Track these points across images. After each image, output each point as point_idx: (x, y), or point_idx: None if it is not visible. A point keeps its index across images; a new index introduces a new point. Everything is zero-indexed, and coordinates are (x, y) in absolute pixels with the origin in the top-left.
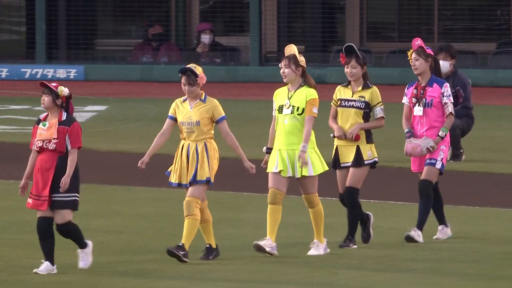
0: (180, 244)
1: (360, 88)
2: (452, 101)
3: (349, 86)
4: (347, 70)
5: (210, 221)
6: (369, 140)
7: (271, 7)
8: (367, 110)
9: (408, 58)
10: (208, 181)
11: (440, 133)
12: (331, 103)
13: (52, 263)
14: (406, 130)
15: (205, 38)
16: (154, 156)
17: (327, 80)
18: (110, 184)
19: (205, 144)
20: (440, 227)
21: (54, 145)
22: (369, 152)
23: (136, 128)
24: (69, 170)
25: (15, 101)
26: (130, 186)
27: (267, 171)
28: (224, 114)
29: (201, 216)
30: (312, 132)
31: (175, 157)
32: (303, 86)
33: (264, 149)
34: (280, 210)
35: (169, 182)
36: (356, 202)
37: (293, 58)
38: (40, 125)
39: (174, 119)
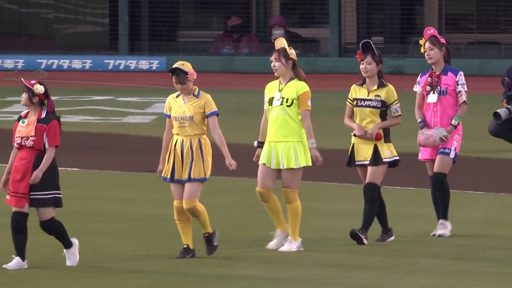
0: (185, 246)
1: (375, 87)
2: (466, 89)
3: (364, 85)
4: (362, 66)
5: (205, 214)
6: (387, 139)
7: None
8: (383, 109)
9: (422, 49)
10: (203, 180)
11: (453, 121)
12: (347, 102)
13: (23, 258)
14: (419, 120)
15: (277, 32)
16: (242, 147)
17: (405, 71)
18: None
19: (199, 141)
20: (440, 221)
21: (32, 143)
22: (388, 152)
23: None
24: (43, 165)
25: (98, 91)
26: (213, 176)
27: (259, 162)
28: (216, 109)
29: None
30: (301, 126)
31: (168, 152)
32: (294, 79)
33: (255, 143)
34: (274, 202)
35: (162, 177)
36: (375, 198)
37: (283, 52)
38: (20, 122)
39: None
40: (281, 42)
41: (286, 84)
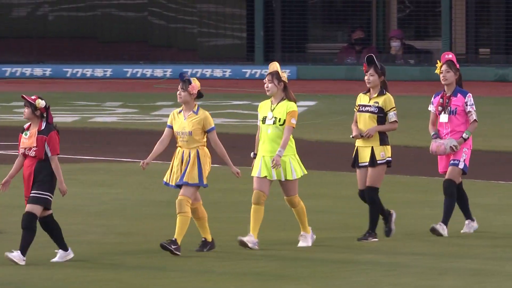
0: (173, 239)
1: (376, 95)
2: (475, 109)
3: (368, 93)
4: (366, 77)
5: (205, 217)
6: (382, 142)
7: (461, 14)
8: (380, 114)
9: (437, 70)
10: (199, 185)
11: (464, 135)
12: (354, 109)
13: (24, 254)
14: (432, 133)
15: (394, 44)
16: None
17: (509, 79)
18: (319, 170)
19: (197, 151)
20: (466, 222)
21: (34, 153)
22: (382, 153)
23: (340, 121)
24: (58, 177)
25: (236, 97)
26: (336, 171)
27: (251, 175)
28: (213, 125)
29: (196, 214)
30: (293, 140)
31: (172, 161)
32: (285, 99)
33: (252, 154)
34: (262, 210)
35: (164, 182)
36: (375, 199)
37: (275, 74)
38: (23, 134)
39: (172, 128)
40: (274, 66)
41: (277, 104)
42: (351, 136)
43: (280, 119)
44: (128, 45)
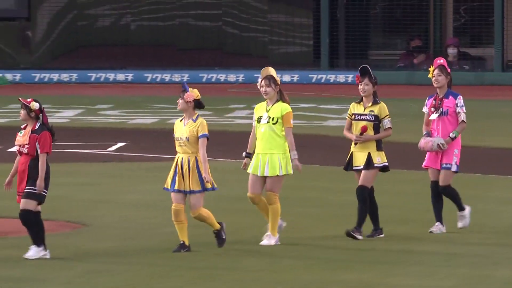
0: (181, 242)
1: (370, 104)
2: (465, 110)
3: (361, 103)
4: (360, 87)
5: (207, 217)
6: (378, 148)
7: None
8: (376, 122)
9: (430, 74)
10: (203, 191)
11: (451, 134)
12: (347, 117)
13: (39, 245)
14: (424, 133)
15: (451, 51)
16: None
17: None
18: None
19: (196, 158)
20: (459, 214)
21: (27, 150)
22: (378, 158)
23: (399, 122)
24: (41, 173)
25: (303, 100)
26: (395, 169)
27: (247, 171)
28: (206, 133)
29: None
30: (285, 139)
31: (172, 166)
32: (279, 101)
33: (244, 154)
34: (263, 204)
35: (163, 187)
36: (365, 198)
37: (272, 79)
38: (19, 132)
39: None
40: (269, 70)
41: (272, 105)
42: (353, 143)
43: (273, 118)
44: (204, 52)
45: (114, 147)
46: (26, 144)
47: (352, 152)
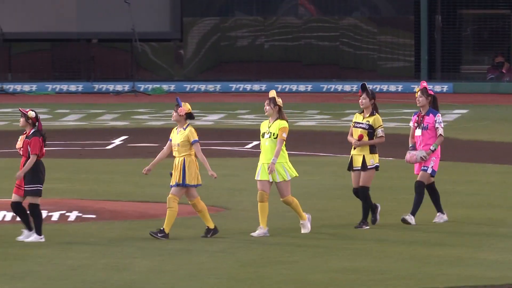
0: (161, 228)
1: (368, 115)
2: (443, 126)
3: (362, 113)
4: (360, 100)
5: (205, 209)
6: (372, 151)
7: None
8: (370, 130)
9: (416, 94)
10: (182, 185)
11: (431, 147)
12: (351, 124)
13: (30, 229)
14: (410, 145)
15: None
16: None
17: None
18: (469, 162)
19: (184, 159)
20: (437, 214)
21: (21, 152)
22: (372, 160)
23: (486, 125)
24: (25, 167)
25: (406, 107)
26: (482, 163)
27: (255, 178)
28: (196, 139)
29: (196, 207)
30: (285, 151)
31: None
32: (278, 119)
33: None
34: (267, 206)
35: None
36: (367, 196)
37: (272, 99)
38: (19, 137)
39: (171, 141)
40: (272, 93)
41: (273, 123)
42: (353, 147)
43: (273, 133)
44: (324, 67)
45: (250, 145)
46: (21, 148)
47: (352, 155)
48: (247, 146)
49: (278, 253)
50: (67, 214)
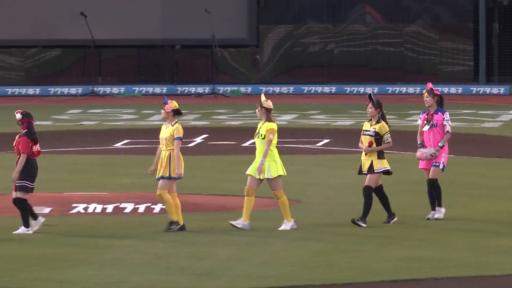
0: (172, 220)
1: (374, 123)
2: (450, 124)
3: (370, 121)
4: (368, 110)
5: (178, 206)
6: (380, 156)
7: None
8: (377, 137)
9: (423, 95)
10: (168, 178)
11: (440, 144)
12: (361, 133)
13: (27, 226)
14: (418, 143)
15: None
16: None
17: None
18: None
19: (170, 154)
20: (437, 208)
21: (14, 151)
22: (379, 165)
23: None
24: (17, 167)
25: (466, 108)
26: (505, 158)
27: (246, 172)
28: (180, 136)
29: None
30: (274, 149)
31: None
32: (267, 121)
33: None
34: (252, 200)
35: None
36: (369, 195)
37: (260, 103)
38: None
39: None
40: (261, 97)
41: (263, 124)
42: (364, 152)
43: (262, 134)
44: (389, 71)
45: (321, 143)
46: (14, 147)
47: (361, 160)
48: (317, 144)
49: (346, 243)
50: (152, 206)
